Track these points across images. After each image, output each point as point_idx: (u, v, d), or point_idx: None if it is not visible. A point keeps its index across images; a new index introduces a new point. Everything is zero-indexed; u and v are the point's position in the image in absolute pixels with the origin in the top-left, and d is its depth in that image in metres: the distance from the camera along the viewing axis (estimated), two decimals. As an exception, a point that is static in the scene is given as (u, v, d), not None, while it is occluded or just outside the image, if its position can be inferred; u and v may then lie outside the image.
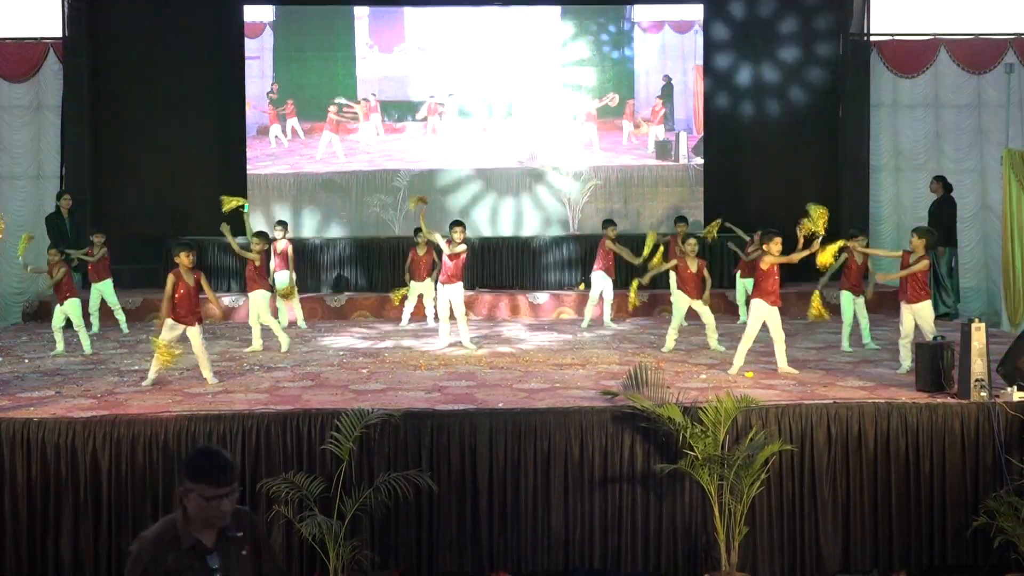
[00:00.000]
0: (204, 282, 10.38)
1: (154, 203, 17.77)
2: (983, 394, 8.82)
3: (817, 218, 10.51)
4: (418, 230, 14.76)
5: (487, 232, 17.70)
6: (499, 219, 18.09)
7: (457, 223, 12.78)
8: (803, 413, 8.73)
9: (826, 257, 10.65)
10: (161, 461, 8.42)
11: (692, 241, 12.32)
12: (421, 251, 14.66)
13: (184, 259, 10.16)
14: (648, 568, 8.69)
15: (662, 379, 9.35)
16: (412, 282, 14.77)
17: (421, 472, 8.29)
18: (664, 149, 18.20)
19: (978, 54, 17.88)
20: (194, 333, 10.22)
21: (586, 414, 8.69)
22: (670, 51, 18.21)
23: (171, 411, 8.78)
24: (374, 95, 18.04)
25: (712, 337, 12.32)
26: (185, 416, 8.60)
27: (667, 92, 18.17)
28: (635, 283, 12.91)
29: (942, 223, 15.05)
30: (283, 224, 15.04)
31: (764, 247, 10.67)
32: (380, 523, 8.46)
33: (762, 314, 10.53)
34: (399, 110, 18.13)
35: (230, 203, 13.08)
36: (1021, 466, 8.63)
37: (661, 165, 18.20)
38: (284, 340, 12.52)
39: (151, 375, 10.14)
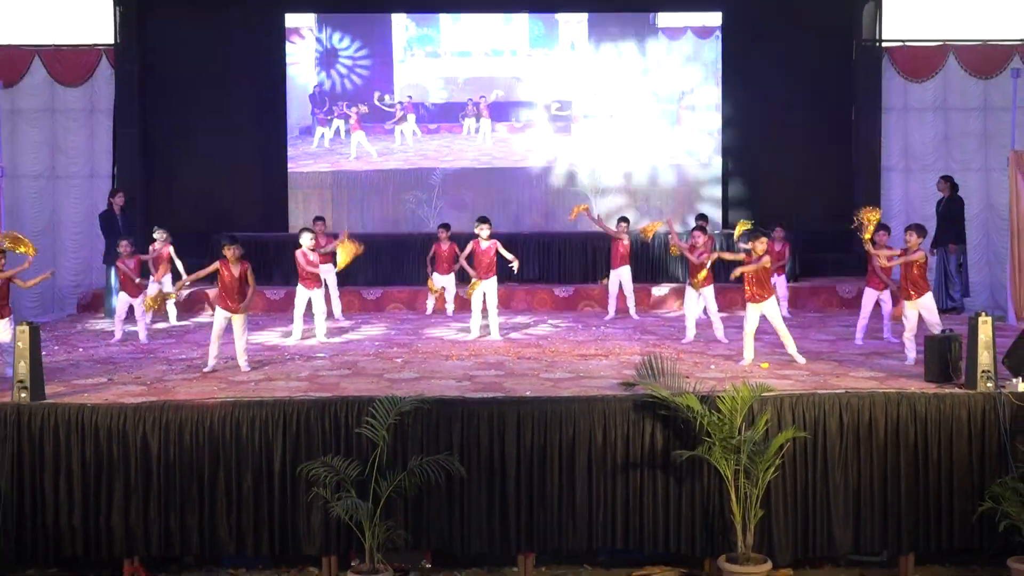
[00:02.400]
0: (250, 274, 10.83)
1: (201, 201, 18.29)
2: (989, 385, 9.13)
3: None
4: (444, 226, 15.13)
5: (514, 228, 18.10)
6: (526, 216, 18.71)
7: (483, 219, 13.18)
8: (816, 402, 9.04)
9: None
10: (207, 445, 8.86)
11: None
12: (444, 245, 15.01)
13: (227, 251, 10.66)
14: (668, 548, 9.05)
15: (679, 369, 9.68)
16: (435, 274, 15.10)
17: (451, 457, 8.68)
18: (687, 149, 18.65)
19: (985, 59, 18.09)
20: (237, 322, 10.70)
21: (609, 402, 9.05)
22: (692, 56, 18.66)
23: (216, 397, 9.21)
24: (410, 97, 18.72)
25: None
26: (229, 402, 9.03)
27: (689, 95, 18.60)
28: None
29: (952, 220, 15.33)
30: (320, 219, 15.35)
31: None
32: (413, 505, 8.86)
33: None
34: (434, 112, 18.82)
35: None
36: (1025, 453, 8.96)
37: (683, 164, 18.64)
38: (321, 330, 12.96)
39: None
